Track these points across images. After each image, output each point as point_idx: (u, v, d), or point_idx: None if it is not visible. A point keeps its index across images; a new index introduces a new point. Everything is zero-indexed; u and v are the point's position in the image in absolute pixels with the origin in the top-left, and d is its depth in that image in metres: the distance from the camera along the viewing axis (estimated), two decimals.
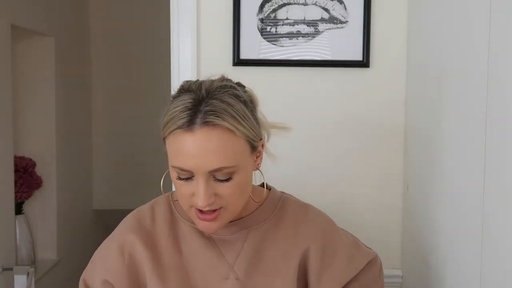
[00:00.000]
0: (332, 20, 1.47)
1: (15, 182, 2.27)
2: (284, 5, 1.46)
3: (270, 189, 1.04)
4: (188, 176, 0.86)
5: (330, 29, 1.47)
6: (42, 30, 2.44)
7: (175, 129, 0.85)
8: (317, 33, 1.47)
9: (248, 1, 1.46)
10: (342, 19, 1.47)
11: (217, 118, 0.83)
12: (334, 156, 1.51)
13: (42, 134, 2.55)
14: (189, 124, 0.83)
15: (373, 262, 1.04)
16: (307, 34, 1.47)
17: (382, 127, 1.51)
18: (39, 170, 2.48)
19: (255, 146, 0.91)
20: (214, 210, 0.87)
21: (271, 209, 1.00)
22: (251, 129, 0.88)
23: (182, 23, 1.46)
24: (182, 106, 0.85)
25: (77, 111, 2.93)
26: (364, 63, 1.48)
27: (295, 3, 1.46)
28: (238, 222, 0.97)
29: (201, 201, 0.84)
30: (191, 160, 0.84)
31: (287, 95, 1.49)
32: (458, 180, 1.11)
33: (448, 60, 1.19)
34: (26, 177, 2.37)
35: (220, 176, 0.85)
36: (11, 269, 2.04)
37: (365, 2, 1.46)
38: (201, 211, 0.87)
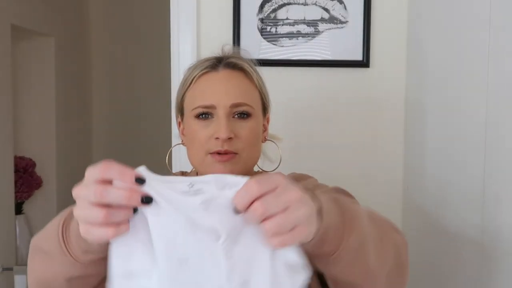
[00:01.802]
0: (332, 20, 1.47)
1: (15, 182, 2.27)
2: (284, 5, 1.47)
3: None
4: (209, 113, 0.89)
5: (330, 29, 1.47)
6: (42, 30, 2.44)
7: (200, 72, 0.92)
8: (317, 33, 1.48)
9: (248, 1, 1.46)
10: (342, 19, 1.47)
11: (238, 60, 0.93)
12: (334, 156, 1.51)
13: (42, 134, 2.55)
14: (213, 66, 0.92)
15: (342, 191, 0.94)
16: (307, 34, 1.47)
17: (382, 126, 1.51)
18: (39, 170, 2.48)
19: (265, 107, 0.96)
20: (230, 154, 0.91)
21: None
22: (263, 83, 0.96)
23: (182, 23, 1.47)
24: (206, 58, 0.95)
25: (77, 111, 2.93)
26: (364, 63, 1.48)
27: (295, 3, 1.46)
28: None
29: (222, 131, 0.88)
30: (215, 94, 0.89)
31: (287, 95, 1.49)
32: (458, 179, 1.11)
33: (448, 60, 1.19)
34: (26, 177, 2.37)
35: (239, 111, 0.90)
36: (11, 269, 2.04)
37: (365, 2, 1.46)
38: (218, 153, 0.90)
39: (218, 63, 0.93)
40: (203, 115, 0.90)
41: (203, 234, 0.55)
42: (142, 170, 0.55)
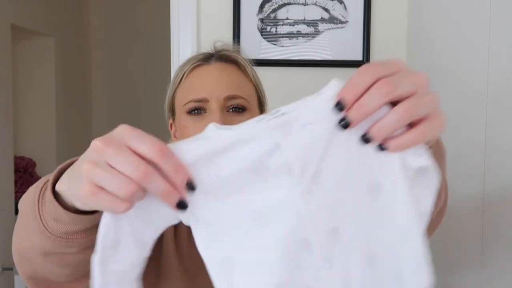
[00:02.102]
0: (332, 20, 1.47)
1: (15, 182, 2.27)
2: (284, 5, 1.47)
3: None
4: (201, 108, 0.83)
5: (330, 29, 1.47)
6: (42, 30, 2.44)
7: (191, 66, 0.87)
8: (317, 33, 1.48)
9: (248, 1, 1.46)
10: (342, 19, 1.47)
11: (231, 53, 0.88)
12: None
13: (42, 134, 2.55)
14: (206, 59, 0.87)
15: None
16: (307, 34, 1.47)
17: None
18: (39, 170, 2.48)
19: (262, 103, 0.91)
20: None
21: None
22: (258, 78, 0.90)
23: (182, 22, 1.47)
24: (197, 54, 0.90)
25: (77, 111, 2.93)
26: (364, 63, 1.48)
27: (295, 3, 1.46)
28: None
29: None
30: (207, 87, 0.83)
31: (287, 95, 1.49)
32: (459, 182, 1.11)
33: (448, 60, 1.19)
34: (26, 177, 2.37)
35: (234, 105, 0.83)
36: (11, 269, 2.04)
37: (365, 2, 1.46)
38: None
39: (210, 56, 0.88)
40: (195, 110, 0.82)
41: (275, 179, 0.45)
42: (212, 126, 0.47)
